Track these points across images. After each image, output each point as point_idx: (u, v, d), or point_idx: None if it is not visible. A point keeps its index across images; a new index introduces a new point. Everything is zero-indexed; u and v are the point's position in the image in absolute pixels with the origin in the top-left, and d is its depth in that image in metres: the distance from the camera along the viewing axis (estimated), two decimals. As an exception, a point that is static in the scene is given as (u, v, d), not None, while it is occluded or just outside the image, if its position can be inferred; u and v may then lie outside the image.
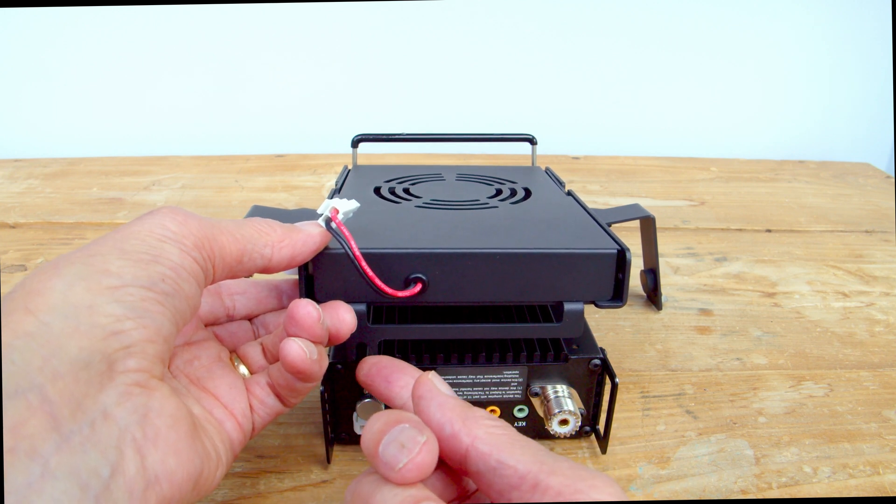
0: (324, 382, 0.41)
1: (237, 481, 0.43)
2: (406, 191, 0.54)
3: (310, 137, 1.22)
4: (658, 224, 0.60)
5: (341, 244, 0.36)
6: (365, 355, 0.42)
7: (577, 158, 1.18)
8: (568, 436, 0.43)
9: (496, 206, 0.49)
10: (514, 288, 0.40)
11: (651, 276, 0.65)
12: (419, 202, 0.50)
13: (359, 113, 1.21)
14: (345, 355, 0.42)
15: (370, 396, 0.42)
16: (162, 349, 0.28)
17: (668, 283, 0.71)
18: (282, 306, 0.44)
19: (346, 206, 0.39)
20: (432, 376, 0.33)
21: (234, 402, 0.36)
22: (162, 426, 0.28)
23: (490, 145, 1.21)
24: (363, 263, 0.36)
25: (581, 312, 0.41)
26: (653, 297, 0.66)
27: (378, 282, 0.37)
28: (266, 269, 0.36)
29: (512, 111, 1.22)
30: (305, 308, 0.35)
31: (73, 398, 0.25)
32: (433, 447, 0.28)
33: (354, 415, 0.43)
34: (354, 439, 0.45)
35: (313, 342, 0.35)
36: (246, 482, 0.43)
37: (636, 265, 0.72)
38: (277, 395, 0.38)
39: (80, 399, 0.25)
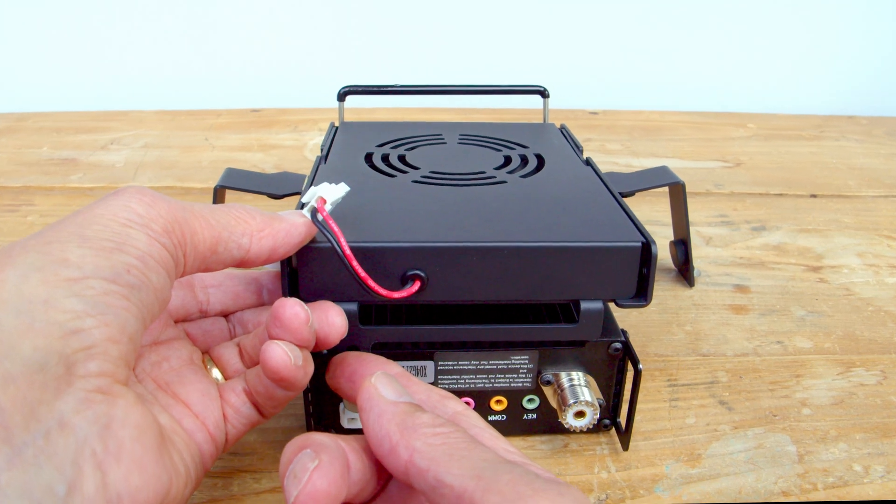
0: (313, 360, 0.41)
1: (207, 482, 0.43)
2: (402, 159, 0.54)
3: (290, 89, 1.21)
4: (688, 188, 0.59)
5: (329, 240, 0.36)
6: None
7: (594, 114, 1.17)
8: (585, 430, 0.43)
9: (504, 181, 0.49)
10: (525, 285, 0.40)
11: (681, 247, 0.64)
12: (417, 175, 0.50)
13: (346, 61, 1.20)
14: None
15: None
16: (126, 350, 0.28)
17: (700, 255, 0.71)
18: (261, 302, 0.44)
19: (334, 193, 0.39)
20: (376, 379, 0.33)
21: (206, 410, 0.36)
22: (126, 438, 0.27)
23: (496, 99, 1.20)
24: (354, 263, 0.36)
25: (600, 312, 0.41)
26: (683, 271, 0.65)
27: (371, 282, 0.37)
28: (243, 262, 0.36)
29: (520, 59, 1.20)
30: (292, 308, 0.35)
31: (27, 405, 0.25)
32: (328, 471, 0.29)
33: (342, 406, 0.43)
34: (341, 434, 0.44)
35: (299, 346, 0.35)
36: (217, 483, 0.43)
37: (665, 235, 0.71)
38: (254, 404, 0.37)
39: (34, 406, 0.25)
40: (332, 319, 0.37)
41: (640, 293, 0.40)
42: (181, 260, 0.32)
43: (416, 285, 0.39)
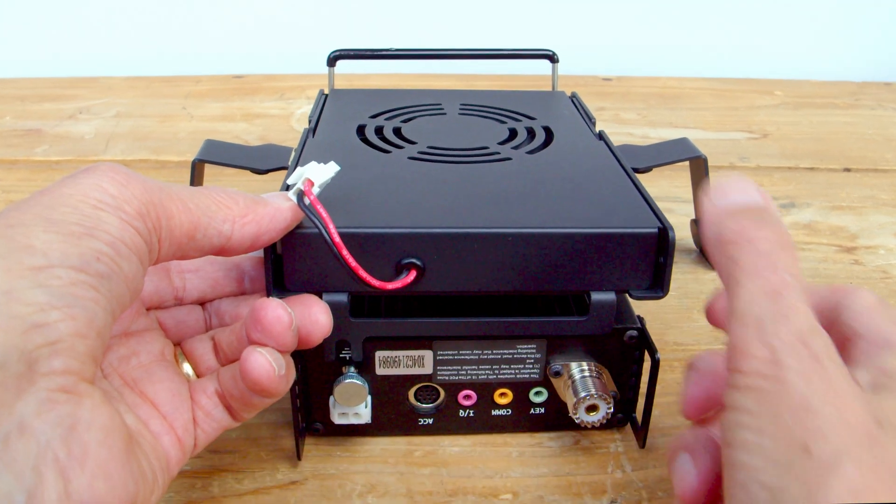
0: (292, 358, 0.41)
1: (185, 482, 0.43)
2: (397, 132, 0.54)
3: (276, 53, 1.21)
4: (710, 161, 0.59)
5: (317, 226, 0.37)
6: (346, 367, 0.42)
7: (608, 80, 1.17)
8: (598, 425, 0.43)
9: (509, 158, 0.49)
10: (530, 275, 0.40)
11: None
12: (413, 151, 0.50)
13: (337, 22, 1.19)
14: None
15: (351, 376, 0.42)
16: (94, 345, 0.28)
17: None
18: (241, 291, 0.43)
19: (323, 173, 0.39)
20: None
21: (175, 412, 0.36)
22: (91, 442, 0.27)
23: (500, 64, 1.19)
24: (344, 252, 0.37)
25: (613, 304, 0.41)
26: (705, 252, 0.65)
27: (363, 273, 0.37)
28: (224, 250, 0.35)
29: (527, 20, 1.20)
30: (275, 311, 0.35)
31: None
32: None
33: (331, 399, 0.43)
34: (332, 430, 0.45)
35: (280, 352, 0.35)
36: (196, 483, 0.43)
37: (685, 213, 0.71)
38: (227, 407, 0.37)
39: None
40: (316, 317, 0.37)
41: (657, 283, 0.40)
42: (155, 246, 0.32)
43: (412, 275, 0.39)
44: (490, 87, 1.05)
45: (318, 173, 0.39)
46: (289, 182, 0.39)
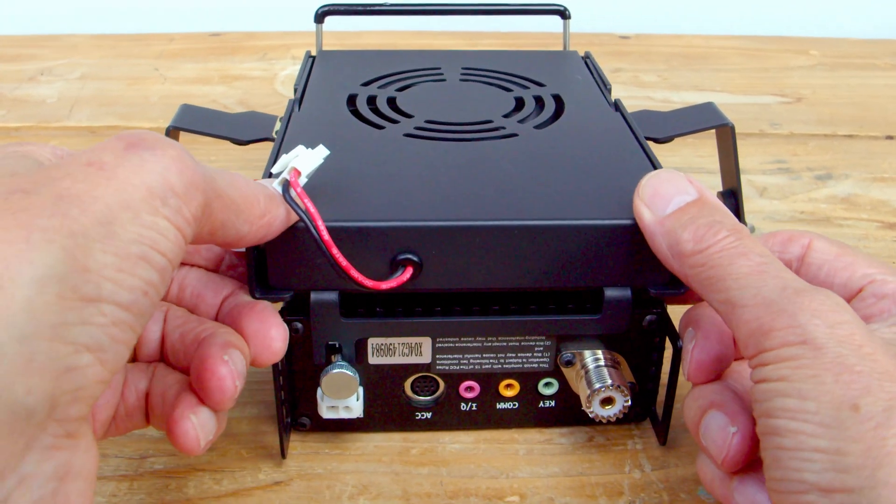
0: None
1: (157, 482, 0.43)
2: (391, 104, 0.54)
3: (257, 9, 1.20)
4: (738, 128, 0.59)
5: (304, 221, 0.37)
6: (335, 356, 0.42)
7: (625, 38, 1.17)
8: (614, 420, 0.43)
9: (515, 134, 0.49)
10: (538, 271, 0.40)
11: (730, 200, 0.63)
12: (409, 126, 0.50)
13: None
14: (304, 312, 0.42)
15: (340, 366, 0.42)
16: (106, 387, 0.28)
17: (753, 209, 0.71)
18: (215, 268, 0.43)
19: (311, 161, 0.39)
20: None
21: (105, 405, 0.36)
22: (73, 493, 0.28)
23: (506, 20, 1.19)
24: (334, 251, 0.37)
25: (628, 302, 0.41)
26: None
27: (354, 273, 0.37)
28: (227, 246, 0.36)
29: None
30: (220, 380, 0.35)
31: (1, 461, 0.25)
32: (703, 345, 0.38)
33: (319, 392, 0.43)
34: (320, 425, 0.45)
35: (217, 411, 0.36)
36: (169, 484, 0.43)
37: (712, 185, 0.70)
38: (148, 411, 0.38)
39: (5, 462, 0.25)
40: (270, 341, 0.38)
41: (677, 279, 0.40)
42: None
43: (408, 272, 0.39)
44: (495, 46, 1.05)
45: (306, 161, 0.39)
46: (273, 171, 0.39)
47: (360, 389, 0.43)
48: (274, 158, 0.44)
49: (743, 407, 0.36)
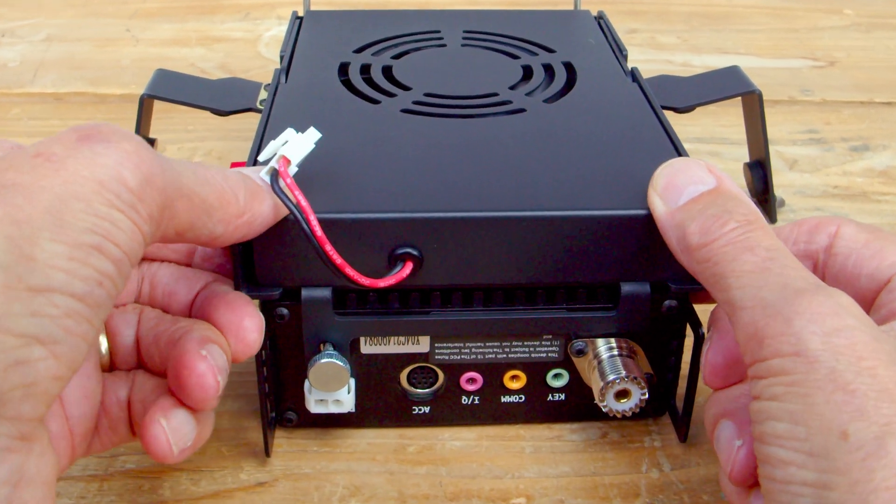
0: None
1: (129, 483, 0.43)
2: (387, 74, 0.54)
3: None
4: (765, 95, 0.59)
5: (295, 215, 0.37)
6: (324, 344, 0.42)
7: (642, -4, 1.16)
8: (629, 415, 0.43)
9: (523, 109, 0.49)
10: (548, 265, 0.41)
11: (758, 172, 0.64)
12: (407, 101, 0.50)
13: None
14: (289, 297, 0.42)
15: (330, 355, 0.42)
16: (65, 385, 0.29)
17: (782, 182, 0.70)
18: (187, 262, 0.43)
19: (301, 147, 0.39)
20: None
21: (81, 417, 0.36)
22: (29, 502, 0.28)
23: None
24: (328, 247, 0.37)
25: (646, 297, 0.42)
26: (761, 202, 0.65)
27: (350, 270, 0.37)
28: (203, 245, 0.37)
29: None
30: (200, 378, 0.36)
31: None
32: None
33: (307, 384, 0.43)
34: (308, 420, 0.45)
35: (199, 411, 0.37)
36: (143, 485, 0.43)
37: (737, 157, 0.71)
38: (131, 422, 0.38)
39: None
40: (245, 332, 0.38)
41: None
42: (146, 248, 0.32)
43: (408, 268, 0.39)
44: (499, 4, 1.04)
45: (296, 147, 0.38)
46: (260, 158, 0.38)
47: (352, 381, 0.43)
48: (259, 140, 0.44)
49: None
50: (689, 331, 0.44)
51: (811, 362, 0.30)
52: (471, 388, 0.45)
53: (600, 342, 0.43)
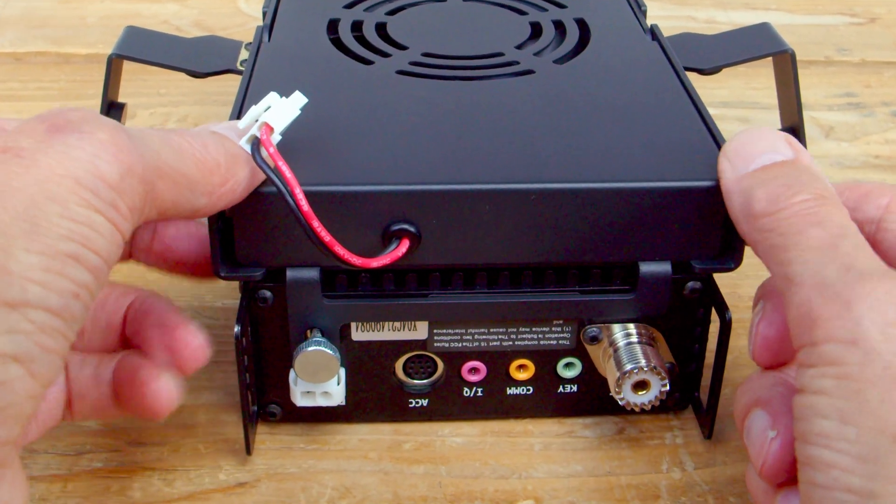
0: (241, 320, 0.41)
1: (96, 484, 0.43)
2: (381, 31, 0.54)
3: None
4: (799, 55, 0.58)
5: (279, 188, 0.37)
6: (311, 331, 0.42)
7: (662, -55, 1.15)
8: (648, 408, 0.43)
9: (531, 71, 0.49)
10: (559, 243, 0.41)
11: None
12: (403, 61, 0.50)
13: None
14: (273, 278, 0.42)
15: (317, 342, 0.42)
16: (39, 403, 0.29)
17: (817, 152, 0.70)
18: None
19: (285, 112, 0.39)
20: None
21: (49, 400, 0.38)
22: None
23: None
24: (315, 223, 0.37)
25: (667, 278, 0.42)
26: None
27: (339, 249, 0.37)
28: (184, 219, 0.39)
29: None
30: (158, 399, 0.38)
31: None
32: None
33: (292, 374, 0.43)
34: (293, 415, 0.45)
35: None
36: (111, 485, 0.43)
37: (767, 124, 0.71)
38: (117, 392, 0.39)
39: None
40: (187, 352, 0.39)
41: (727, 251, 0.41)
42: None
43: (404, 245, 0.39)
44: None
45: (280, 113, 0.38)
46: (241, 126, 0.38)
47: (342, 371, 0.43)
48: (239, 105, 0.44)
49: (791, 407, 0.35)
50: (714, 316, 0.44)
51: (867, 353, 0.29)
52: (473, 378, 0.45)
53: (616, 328, 0.43)
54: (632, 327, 0.43)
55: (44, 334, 0.28)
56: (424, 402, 0.45)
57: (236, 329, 0.41)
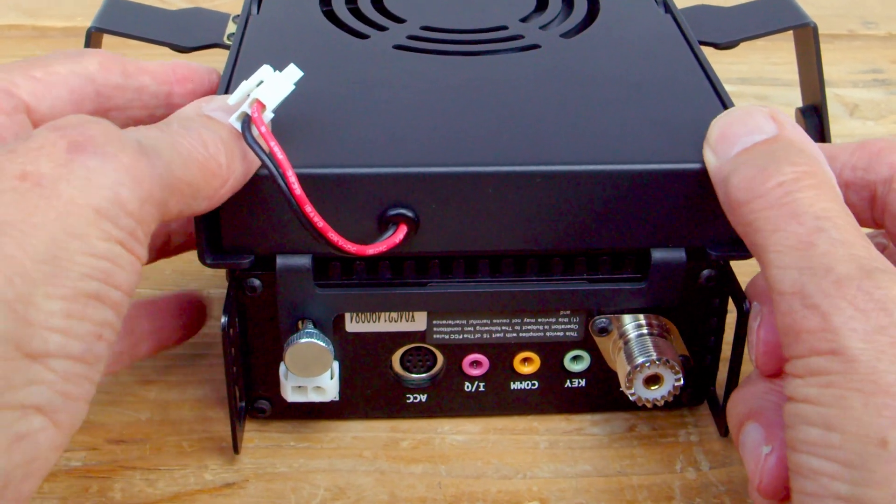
0: (228, 311, 0.41)
1: (75, 484, 0.43)
2: (377, 3, 0.54)
3: None
4: (822, 28, 0.58)
5: (270, 170, 0.37)
6: (303, 322, 0.43)
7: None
8: (661, 404, 0.43)
9: (536, 45, 0.49)
10: (566, 229, 0.41)
11: (812, 119, 0.63)
12: (401, 35, 0.50)
13: None
14: (263, 265, 0.42)
15: (309, 334, 0.42)
16: (61, 452, 0.30)
17: (841, 132, 0.70)
18: None
19: (278, 88, 0.38)
20: None
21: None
22: None
23: None
24: (308, 208, 0.37)
25: (682, 266, 0.42)
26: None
27: (333, 235, 0.37)
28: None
29: None
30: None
31: None
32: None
33: (282, 368, 0.43)
34: (283, 411, 0.45)
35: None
36: (90, 486, 0.43)
37: (789, 101, 0.71)
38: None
39: None
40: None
41: None
42: None
43: (402, 232, 0.39)
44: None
45: (273, 89, 0.38)
46: (231, 102, 0.38)
47: (335, 365, 0.43)
48: (227, 81, 0.44)
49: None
50: (731, 306, 0.43)
51: (849, 361, 0.30)
52: (475, 372, 0.45)
53: (627, 319, 0.43)
54: (643, 318, 0.43)
55: (67, 383, 0.28)
56: (423, 398, 0.45)
57: (223, 320, 0.41)
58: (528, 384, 0.45)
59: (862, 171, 0.38)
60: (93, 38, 0.54)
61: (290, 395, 0.43)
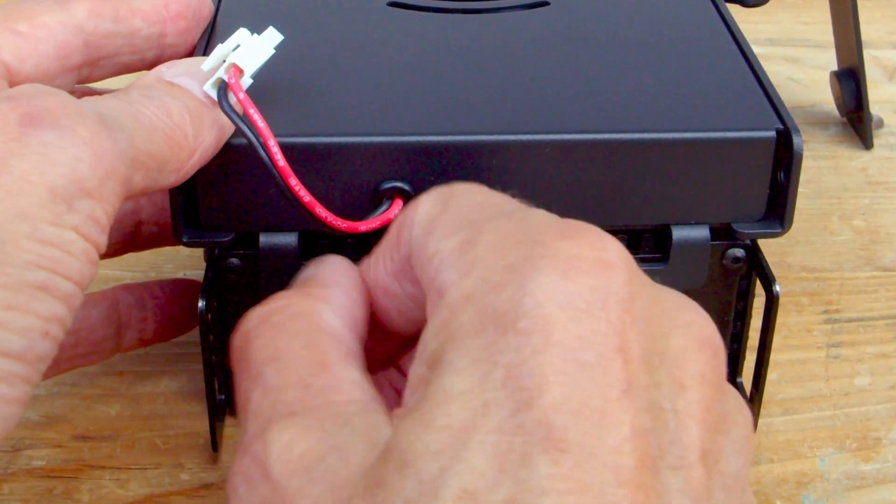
0: (206, 293, 0.41)
1: (38, 485, 0.43)
2: None
3: None
4: None
5: (250, 140, 0.37)
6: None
7: None
8: None
9: (545, 2, 0.49)
10: (578, 203, 0.41)
11: (849, 83, 0.64)
12: None
13: None
14: (244, 244, 0.42)
15: None
16: None
17: (880, 97, 0.70)
18: None
19: (257, 53, 0.39)
20: None
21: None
22: None
23: None
24: (292, 181, 0.37)
25: (705, 244, 0.42)
26: (853, 121, 0.65)
27: (321, 210, 0.37)
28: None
29: None
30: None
31: None
32: None
33: None
34: None
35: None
36: (54, 487, 0.43)
37: (823, 64, 0.71)
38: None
39: None
40: None
41: (774, 213, 0.41)
42: None
43: (397, 207, 0.39)
44: None
45: (251, 53, 0.38)
46: (205, 68, 0.38)
47: (324, 354, 0.43)
48: (204, 45, 0.44)
49: None
50: (759, 289, 0.43)
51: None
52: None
53: (646, 304, 0.43)
54: (664, 302, 0.43)
55: (1, 383, 0.28)
56: (421, 389, 0.45)
57: (201, 304, 0.41)
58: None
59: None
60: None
61: (275, 387, 0.43)
